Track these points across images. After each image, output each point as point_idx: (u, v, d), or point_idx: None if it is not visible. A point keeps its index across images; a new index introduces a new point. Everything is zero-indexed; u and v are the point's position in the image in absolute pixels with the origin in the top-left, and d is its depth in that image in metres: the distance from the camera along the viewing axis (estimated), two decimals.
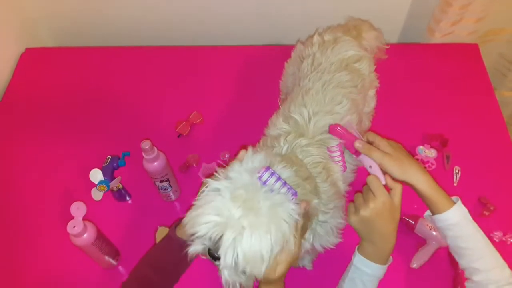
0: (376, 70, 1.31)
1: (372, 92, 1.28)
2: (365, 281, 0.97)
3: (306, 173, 0.94)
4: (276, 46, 1.73)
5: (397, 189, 0.94)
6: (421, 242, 1.26)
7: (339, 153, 1.01)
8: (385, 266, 0.97)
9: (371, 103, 1.31)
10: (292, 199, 0.80)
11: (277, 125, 1.07)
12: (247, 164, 0.83)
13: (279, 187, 0.80)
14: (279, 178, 0.80)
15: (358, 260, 0.97)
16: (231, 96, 1.59)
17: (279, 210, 0.78)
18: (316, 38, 1.23)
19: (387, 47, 1.38)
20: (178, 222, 1.01)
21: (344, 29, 1.29)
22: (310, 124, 1.03)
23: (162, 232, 1.29)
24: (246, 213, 0.75)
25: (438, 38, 1.65)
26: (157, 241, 1.27)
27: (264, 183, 0.79)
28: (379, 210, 0.91)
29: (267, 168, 0.80)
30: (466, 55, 1.67)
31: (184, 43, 1.81)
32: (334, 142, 1.02)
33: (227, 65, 1.68)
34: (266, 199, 0.77)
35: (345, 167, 1.04)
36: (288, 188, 0.80)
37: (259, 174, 0.79)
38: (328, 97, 1.07)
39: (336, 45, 1.19)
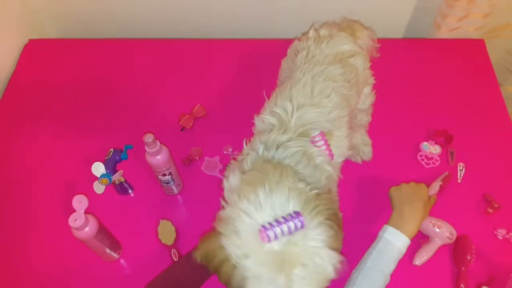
0: (381, 65, 1.30)
1: (367, 89, 1.27)
2: (392, 253, 1.06)
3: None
4: (281, 40, 1.71)
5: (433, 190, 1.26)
6: (424, 239, 1.25)
7: (322, 142, 0.98)
8: (409, 241, 1.08)
9: (367, 100, 1.29)
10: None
11: (264, 120, 1.05)
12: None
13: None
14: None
15: (389, 231, 1.08)
16: (235, 89, 1.58)
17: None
18: (311, 33, 1.22)
19: (378, 45, 1.36)
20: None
21: (340, 27, 1.28)
22: (293, 118, 1.00)
23: (164, 225, 1.28)
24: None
25: (444, 33, 1.64)
26: (159, 235, 1.27)
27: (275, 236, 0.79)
28: (416, 189, 1.18)
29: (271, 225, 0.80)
30: (472, 51, 1.66)
31: (188, 35, 1.80)
32: (316, 131, 0.99)
33: (231, 58, 1.67)
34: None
35: (332, 155, 1.01)
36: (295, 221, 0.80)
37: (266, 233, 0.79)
38: (317, 90, 1.05)
39: (332, 39, 1.17)
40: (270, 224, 0.79)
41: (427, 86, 1.57)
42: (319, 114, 1.01)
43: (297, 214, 0.80)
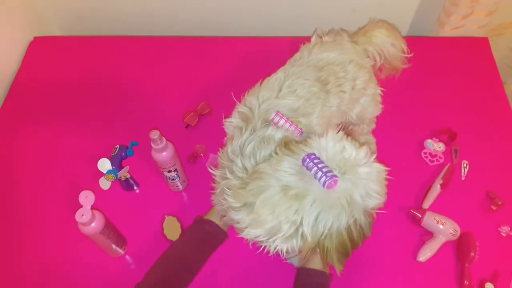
0: None
1: (365, 100, 1.22)
2: None
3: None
4: (287, 37, 1.72)
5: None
6: (428, 236, 1.26)
7: (283, 120, 0.96)
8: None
9: (367, 110, 1.26)
10: None
11: (231, 121, 1.06)
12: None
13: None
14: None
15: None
16: (240, 87, 1.58)
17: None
18: (313, 39, 1.21)
19: (406, 55, 1.32)
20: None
21: (354, 33, 1.27)
22: (258, 111, 1.00)
23: (169, 221, 1.29)
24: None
25: (448, 31, 1.64)
26: (165, 231, 1.28)
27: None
28: None
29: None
30: (476, 49, 1.66)
31: (193, 33, 1.81)
32: (273, 113, 0.97)
33: (236, 55, 1.68)
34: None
35: (300, 130, 0.97)
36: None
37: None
38: (285, 85, 1.04)
39: (323, 45, 1.16)
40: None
41: (431, 84, 1.58)
42: (282, 105, 1.01)
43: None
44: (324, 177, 0.78)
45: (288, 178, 0.82)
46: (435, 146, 1.42)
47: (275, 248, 0.87)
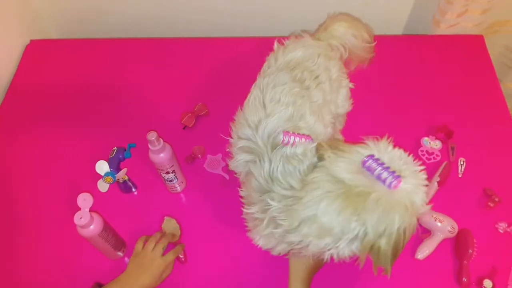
0: (381, 62, 1.30)
1: (344, 92, 1.22)
2: None
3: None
4: (282, 37, 1.72)
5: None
6: (426, 233, 1.26)
7: (292, 137, 0.96)
8: None
9: (345, 105, 1.25)
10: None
11: (238, 160, 1.05)
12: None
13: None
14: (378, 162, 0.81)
15: None
16: (237, 87, 1.58)
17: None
18: (275, 46, 1.21)
19: (369, 45, 1.32)
20: None
21: (315, 31, 1.28)
22: (258, 139, 1.00)
23: (168, 222, 1.29)
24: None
25: (443, 29, 1.65)
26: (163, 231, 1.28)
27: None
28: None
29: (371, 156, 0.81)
30: (471, 47, 1.67)
31: (190, 34, 1.81)
32: (280, 136, 0.97)
33: (233, 56, 1.68)
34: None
35: (308, 137, 0.98)
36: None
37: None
38: (267, 99, 1.03)
39: (286, 47, 1.16)
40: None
41: (427, 82, 1.58)
42: (277, 121, 1.00)
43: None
44: (390, 177, 0.78)
45: (350, 176, 0.81)
46: (431, 143, 1.43)
47: (338, 254, 0.86)
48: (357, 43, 1.28)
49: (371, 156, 0.82)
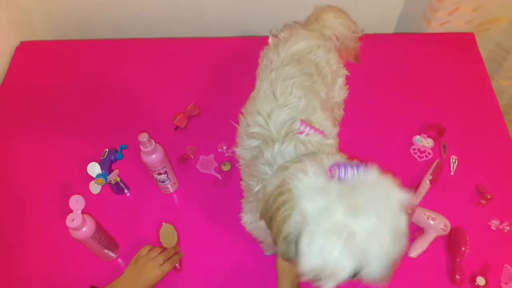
0: (373, 60, 1.31)
1: (340, 81, 1.26)
2: None
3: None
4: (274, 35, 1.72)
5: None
6: (419, 231, 1.27)
7: (308, 127, 0.98)
8: None
9: (341, 93, 1.29)
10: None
11: (246, 146, 1.05)
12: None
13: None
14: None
15: None
16: (228, 87, 1.59)
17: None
18: (270, 39, 1.22)
19: (358, 35, 1.34)
20: None
21: (306, 22, 1.28)
22: (271, 126, 1.01)
23: (166, 228, 1.28)
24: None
25: (434, 27, 1.65)
26: (161, 238, 1.27)
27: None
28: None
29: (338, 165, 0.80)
30: (462, 44, 1.67)
31: (181, 35, 1.80)
32: (297, 124, 0.99)
33: (224, 56, 1.67)
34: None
35: (321, 132, 1.00)
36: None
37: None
38: (278, 92, 1.05)
39: (288, 40, 1.17)
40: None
41: (418, 80, 1.59)
42: (290, 111, 1.02)
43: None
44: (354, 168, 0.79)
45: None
46: (423, 142, 1.43)
47: None
48: (345, 32, 1.30)
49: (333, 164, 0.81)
